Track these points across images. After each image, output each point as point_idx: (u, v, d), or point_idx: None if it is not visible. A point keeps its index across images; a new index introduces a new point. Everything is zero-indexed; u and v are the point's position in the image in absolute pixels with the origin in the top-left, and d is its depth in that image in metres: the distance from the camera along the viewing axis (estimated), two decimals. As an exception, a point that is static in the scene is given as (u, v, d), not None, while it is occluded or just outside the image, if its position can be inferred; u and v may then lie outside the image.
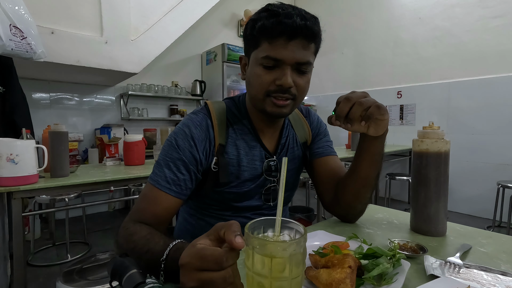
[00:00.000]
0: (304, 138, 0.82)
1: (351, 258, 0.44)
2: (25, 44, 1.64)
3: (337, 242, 0.58)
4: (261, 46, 0.62)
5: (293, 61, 0.61)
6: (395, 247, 0.52)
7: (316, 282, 0.44)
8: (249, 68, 0.67)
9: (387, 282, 0.44)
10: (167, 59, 3.78)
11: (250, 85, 0.67)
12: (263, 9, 0.63)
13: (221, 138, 0.69)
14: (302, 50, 0.61)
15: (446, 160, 0.68)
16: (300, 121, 0.83)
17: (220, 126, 0.69)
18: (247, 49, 0.68)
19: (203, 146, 0.67)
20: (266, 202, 0.76)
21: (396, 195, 3.86)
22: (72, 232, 2.52)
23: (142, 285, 0.40)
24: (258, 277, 0.35)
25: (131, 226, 0.58)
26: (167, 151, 0.66)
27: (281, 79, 0.61)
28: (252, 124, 0.74)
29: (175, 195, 0.63)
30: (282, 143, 0.77)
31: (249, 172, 0.72)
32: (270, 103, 0.64)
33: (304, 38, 0.60)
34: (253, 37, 0.63)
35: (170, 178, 0.63)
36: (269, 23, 0.59)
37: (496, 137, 3.03)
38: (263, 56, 0.61)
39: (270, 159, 0.74)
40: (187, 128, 0.67)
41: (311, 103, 4.82)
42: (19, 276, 1.19)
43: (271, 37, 0.60)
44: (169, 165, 0.64)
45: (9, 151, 1.12)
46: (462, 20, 3.25)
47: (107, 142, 2.55)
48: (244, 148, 0.72)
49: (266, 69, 0.62)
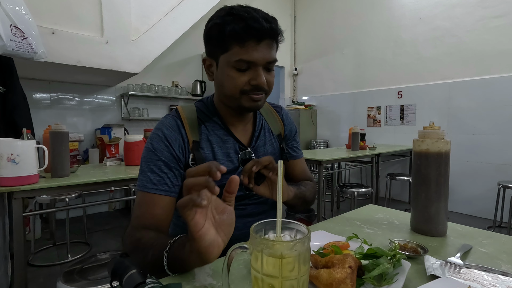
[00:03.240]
0: (278, 131, 0.88)
1: (352, 258, 0.44)
2: (25, 45, 1.64)
3: (337, 242, 0.58)
4: (231, 49, 0.65)
5: (263, 62, 0.66)
6: (396, 247, 0.52)
7: (316, 282, 0.44)
8: (219, 70, 0.70)
9: (388, 282, 0.44)
10: (168, 59, 3.78)
11: (223, 86, 0.70)
12: (227, 13, 0.65)
13: (194, 135, 0.73)
14: (269, 50, 0.66)
15: (447, 160, 0.68)
16: (271, 114, 0.89)
17: (191, 125, 0.74)
18: (214, 51, 0.70)
19: (178, 144, 0.71)
20: (247, 192, 0.78)
21: (397, 195, 3.86)
22: (72, 232, 2.52)
23: (143, 285, 0.40)
24: (268, 279, 0.35)
25: (136, 233, 0.61)
26: (146, 156, 0.70)
27: (256, 79, 0.66)
28: (222, 119, 0.78)
29: (165, 193, 0.66)
30: (256, 135, 0.82)
31: (226, 165, 0.74)
32: (247, 98, 0.69)
33: (270, 39, 0.66)
34: (221, 41, 0.66)
35: (155, 179, 0.67)
36: (238, 28, 0.62)
37: (497, 137, 3.03)
38: (236, 60, 0.64)
39: (246, 151, 0.78)
40: (160, 131, 0.72)
41: (312, 103, 4.83)
42: (19, 276, 1.19)
43: (241, 41, 0.63)
44: (151, 168, 0.68)
45: (10, 151, 1.12)
46: (462, 20, 3.25)
47: (107, 142, 2.55)
48: (217, 143, 0.75)
49: (239, 71, 0.66)
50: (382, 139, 4.01)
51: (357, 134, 2.86)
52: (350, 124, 4.23)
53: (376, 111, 4.09)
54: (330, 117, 4.66)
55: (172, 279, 0.50)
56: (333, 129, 4.62)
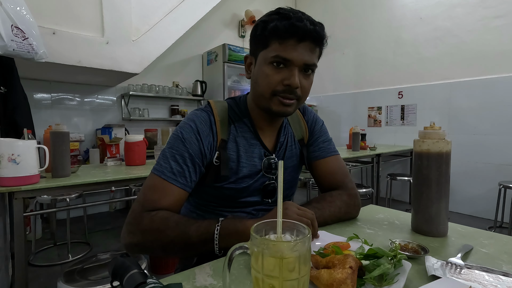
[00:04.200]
0: (300, 135, 0.84)
1: (352, 259, 0.44)
2: (26, 45, 1.65)
3: (338, 243, 0.58)
4: (271, 46, 0.64)
5: (301, 63, 0.64)
6: (396, 248, 0.52)
7: (317, 282, 0.44)
8: (256, 67, 0.69)
9: (388, 283, 0.44)
10: (168, 60, 3.78)
11: (257, 83, 0.69)
12: (274, 12, 0.66)
13: (223, 134, 0.72)
14: (309, 52, 0.64)
15: (448, 160, 0.68)
16: (297, 118, 0.86)
17: (222, 122, 0.72)
18: (255, 49, 0.69)
19: (208, 141, 0.70)
20: (264, 199, 0.77)
21: (397, 196, 3.85)
22: (73, 232, 2.53)
23: (143, 285, 0.40)
24: (268, 279, 0.35)
25: (155, 214, 0.61)
26: (173, 143, 0.68)
27: (289, 79, 0.64)
28: (253, 122, 0.76)
29: (181, 186, 0.65)
30: (281, 142, 0.80)
31: (248, 169, 0.74)
32: (277, 101, 0.67)
33: (312, 41, 0.64)
34: (263, 37, 0.65)
35: (176, 169, 0.65)
36: (281, 25, 0.62)
37: (498, 138, 3.02)
38: (273, 56, 0.63)
39: (269, 157, 0.76)
40: (193, 122, 0.70)
41: (312, 103, 4.82)
42: (20, 276, 1.19)
43: (282, 38, 0.63)
44: (175, 157, 0.66)
45: (11, 151, 1.12)
46: (463, 20, 3.24)
47: (108, 142, 2.55)
48: (243, 146, 0.74)
49: (274, 69, 0.65)
50: (383, 139, 4.01)
51: (357, 134, 2.86)
52: (350, 124, 4.22)
53: (376, 111, 4.09)
54: (330, 117, 4.66)
55: (173, 278, 0.50)
56: (334, 129, 4.62)
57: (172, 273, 0.67)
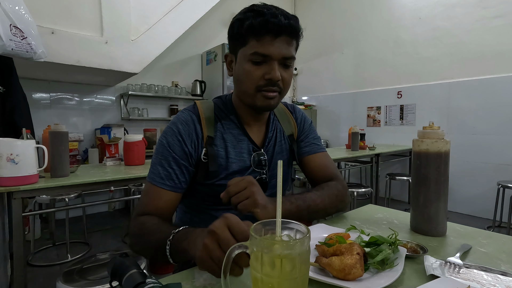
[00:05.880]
0: (290, 131, 0.86)
1: (358, 246, 0.49)
2: (25, 44, 1.64)
3: (339, 234, 0.61)
4: (249, 43, 0.66)
5: (279, 56, 0.66)
6: (395, 235, 0.56)
7: (329, 268, 0.48)
8: (237, 65, 0.71)
9: (390, 266, 0.49)
10: (167, 59, 3.78)
11: (239, 81, 0.71)
12: (248, 9, 0.67)
13: (210, 131, 0.74)
14: (287, 46, 0.67)
15: (446, 160, 0.68)
16: (285, 115, 0.88)
17: (208, 120, 0.74)
18: (234, 47, 0.71)
19: (191, 140, 0.72)
20: None
21: (396, 195, 3.86)
22: (72, 232, 2.52)
23: (142, 285, 0.40)
24: (268, 279, 0.35)
25: (141, 218, 0.65)
26: (159, 150, 0.72)
27: (270, 73, 0.66)
28: (240, 119, 0.78)
29: (170, 189, 0.68)
30: (269, 137, 0.81)
31: (237, 164, 0.75)
32: (261, 97, 0.69)
33: (288, 35, 0.66)
34: (240, 36, 0.67)
35: (163, 174, 0.69)
36: (256, 22, 0.64)
37: (496, 137, 3.03)
38: (251, 53, 0.66)
39: (259, 152, 0.78)
40: (174, 125, 0.73)
41: (311, 103, 4.82)
42: (19, 276, 1.19)
43: (258, 35, 0.65)
44: (161, 162, 0.70)
45: (10, 151, 1.12)
46: (462, 20, 3.25)
47: (107, 142, 2.55)
48: (231, 142, 0.76)
49: (255, 65, 0.67)
50: (382, 139, 4.02)
51: (356, 134, 2.87)
52: (349, 124, 4.22)
53: (375, 111, 4.09)
54: (329, 117, 4.66)
55: (172, 278, 0.50)
56: (333, 129, 4.62)
57: (171, 273, 0.67)
